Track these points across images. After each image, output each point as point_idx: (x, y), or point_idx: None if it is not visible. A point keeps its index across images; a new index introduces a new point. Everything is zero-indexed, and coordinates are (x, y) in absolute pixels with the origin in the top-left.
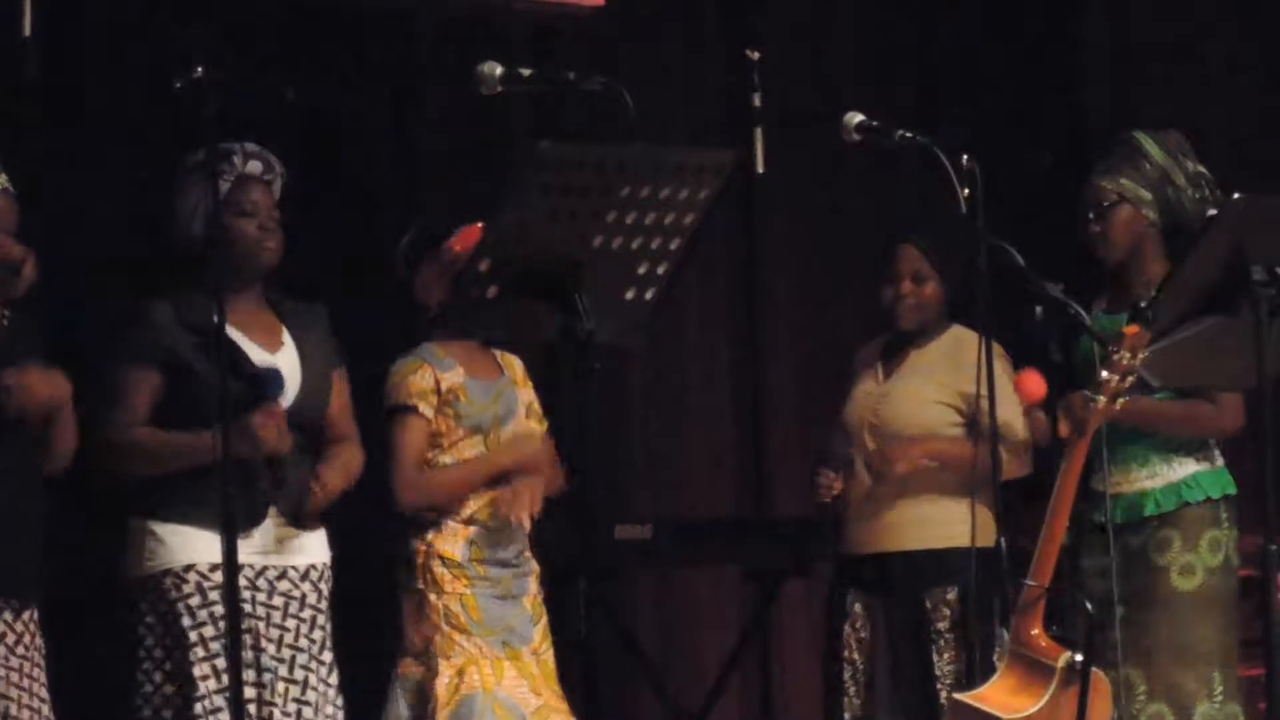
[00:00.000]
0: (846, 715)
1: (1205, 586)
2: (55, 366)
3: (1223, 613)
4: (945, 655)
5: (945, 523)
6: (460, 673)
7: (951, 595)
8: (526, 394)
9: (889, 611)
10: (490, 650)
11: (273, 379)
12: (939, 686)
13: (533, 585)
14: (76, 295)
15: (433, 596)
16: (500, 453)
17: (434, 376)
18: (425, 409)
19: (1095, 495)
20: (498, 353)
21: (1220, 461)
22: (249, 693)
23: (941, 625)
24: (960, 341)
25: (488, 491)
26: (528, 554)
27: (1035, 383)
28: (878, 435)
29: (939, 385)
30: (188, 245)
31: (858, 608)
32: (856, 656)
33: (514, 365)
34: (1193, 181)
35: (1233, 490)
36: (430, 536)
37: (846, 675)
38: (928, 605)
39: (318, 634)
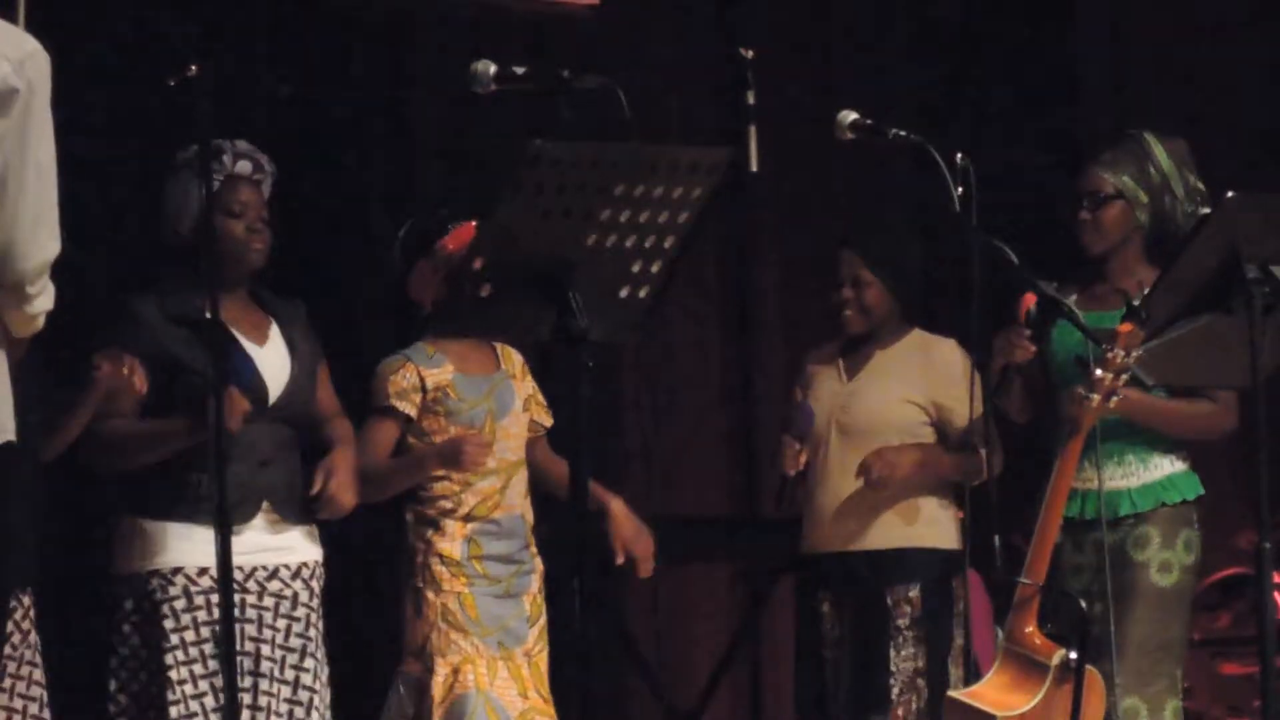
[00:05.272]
0: (833, 711)
1: (1180, 584)
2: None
3: (1189, 611)
4: (903, 652)
5: (909, 523)
6: (455, 671)
7: (914, 593)
8: (526, 387)
9: (853, 608)
10: (486, 650)
11: (241, 366)
12: (892, 681)
13: (534, 584)
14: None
15: (431, 594)
16: (427, 455)
17: (418, 375)
18: (406, 408)
19: (1072, 492)
20: (498, 347)
21: (1190, 463)
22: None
23: (901, 622)
24: (926, 343)
25: (482, 485)
26: (531, 551)
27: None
28: (846, 433)
29: (907, 385)
30: (176, 242)
31: (826, 607)
32: (829, 655)
33: (512, 358)
34: (1190, 196)
35: (1201, 491)
36: (430, 535)
37: (828, 674)
38: (889, 602)
39: (312, 632)
